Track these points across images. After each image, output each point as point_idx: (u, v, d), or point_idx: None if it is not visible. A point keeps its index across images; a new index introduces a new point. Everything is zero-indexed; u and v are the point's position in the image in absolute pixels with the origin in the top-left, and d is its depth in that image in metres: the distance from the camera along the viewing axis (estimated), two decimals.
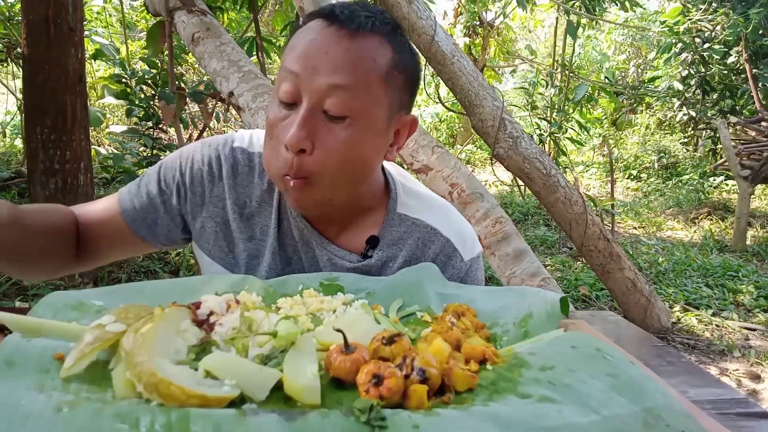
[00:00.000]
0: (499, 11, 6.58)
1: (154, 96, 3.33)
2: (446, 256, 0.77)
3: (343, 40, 0.61)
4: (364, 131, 0.64)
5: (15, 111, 5.79)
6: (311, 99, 0.62)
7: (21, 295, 2.52)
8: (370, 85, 0.63)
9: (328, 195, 0.67)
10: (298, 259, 0.78)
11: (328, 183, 0.65)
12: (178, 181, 0.76)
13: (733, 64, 6.47)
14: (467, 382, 0.43)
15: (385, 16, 0.66)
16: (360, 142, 0.64)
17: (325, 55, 0.61)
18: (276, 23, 4.44)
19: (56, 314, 0.50)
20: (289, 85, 0.62)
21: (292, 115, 0.63)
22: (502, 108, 2.45)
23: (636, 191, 7.39)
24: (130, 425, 0.33)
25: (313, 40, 0.62)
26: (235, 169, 0.77)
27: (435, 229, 0.77)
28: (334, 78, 0.61)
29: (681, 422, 0.38)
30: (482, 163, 8.84)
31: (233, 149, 0.78)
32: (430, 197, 0.82)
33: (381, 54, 0.63)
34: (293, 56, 0.63)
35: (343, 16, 0.62)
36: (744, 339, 2.90)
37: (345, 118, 0.62)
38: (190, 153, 0.78)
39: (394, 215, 0.77)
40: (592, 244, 2.64)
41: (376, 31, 0.63)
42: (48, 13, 2.60)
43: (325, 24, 0.63)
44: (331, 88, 0.61)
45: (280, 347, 0.43)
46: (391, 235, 0.77)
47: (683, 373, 0.64)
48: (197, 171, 0.76)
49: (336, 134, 0.63)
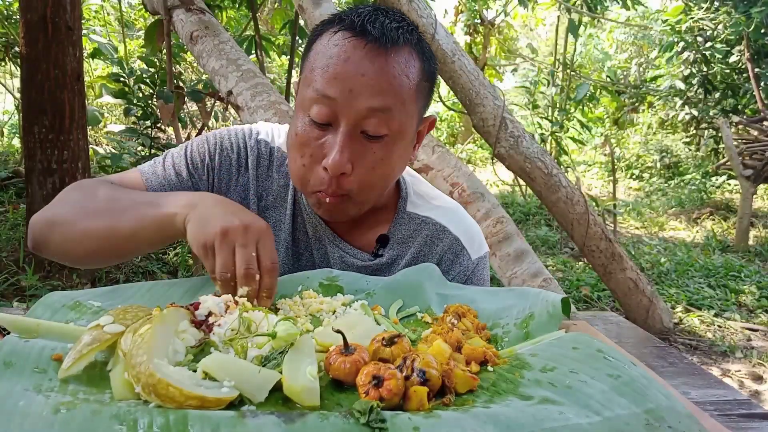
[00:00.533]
0: (500, 9, 6.57)
1: (152, 95, 3.33)
2: (453, 254, 0.78)
3: (378, 59, 0.61)
4: (398, 145, 0.66)
5: (13, 110, 5.80)
6: (349, 122, 0.62)
7: (19, 296, 2.52)
8: (405, 102, 0.64)
9: (362, 207, 0.70)
10: (309, 255, 0.79)
11: (364, 198, 0.68)
12: (207, 165, 0.77)
13: (735, 63, 6.46)
14: (468, 384, 0.43)
15: (408, 23, 0.66)
16: (395, 155, 0.67)
17: (362, 78, 0.61)
18: (275, 21, 4.43)
19: (54, 315, 0.50)
20: (323, 108, 0.62)
21: (328, 137, 0.64)
22: (503, 107, 2.44)
23: (638, 191, 7.39)
24: (128, 427, 0.33)
25: (347, 60, 0.61)
26: (260, 160, 0.78)
27: (444, 226, 0.78)
28: (373, 101, 0.61)
29: (683, 423, 0.38)
30: (483, 162, 8.84)
31: (258, 141, 0.79)
32: (440, 197, 0.83)
33: (412, 67, 0.64)
34: (327, 78, 0.61)
35: (376, 32, 0.61)
36: (746, 340, 2.89)
37: (383, 137, 0.64)
38: (217, 139, 0.78)
39: (403, 214, 0.79)
40: (594, 245, 2.64)
41: (406, 43, 0.64)
42: (46, 12, 2.60)
43: (357, 42, 0.61)
44: (370, 111, 0.62)
45: (279, 348, 0.43)
46: (401, 234, 0.78)
47: (685, 374, 0.64)
48: (226, 158, 0.77)
49: (374, 153, 0.64)
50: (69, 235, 0.65)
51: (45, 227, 0.67)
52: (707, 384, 0.61)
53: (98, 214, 0.65)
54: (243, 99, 2.08)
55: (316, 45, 0.65)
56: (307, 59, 0.66)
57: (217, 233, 0.56)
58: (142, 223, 0.63)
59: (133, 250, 0.68)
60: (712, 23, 6.23)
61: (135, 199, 0.66)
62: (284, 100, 2.11)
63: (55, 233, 0.66)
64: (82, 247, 0.65)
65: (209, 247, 0.56)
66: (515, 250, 2.02)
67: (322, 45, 0.64)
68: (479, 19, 6.54)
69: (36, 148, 2.70)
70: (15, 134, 5.88)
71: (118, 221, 0.63)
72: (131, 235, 0.63)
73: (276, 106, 2.02)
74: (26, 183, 2.82)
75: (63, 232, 0.65)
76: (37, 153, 2.70)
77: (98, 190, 0.68)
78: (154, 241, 0.65)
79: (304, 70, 0.66)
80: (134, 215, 0.63)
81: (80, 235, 0.64)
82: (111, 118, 6.25)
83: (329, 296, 0.63)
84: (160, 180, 0.75)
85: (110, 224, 0.63)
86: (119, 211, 0.64)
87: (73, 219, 0.65)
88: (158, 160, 0.78)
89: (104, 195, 0.67)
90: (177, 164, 0.76)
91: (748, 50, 5.93)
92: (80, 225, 0.64)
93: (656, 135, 8.52)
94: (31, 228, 0.68)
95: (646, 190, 7.29)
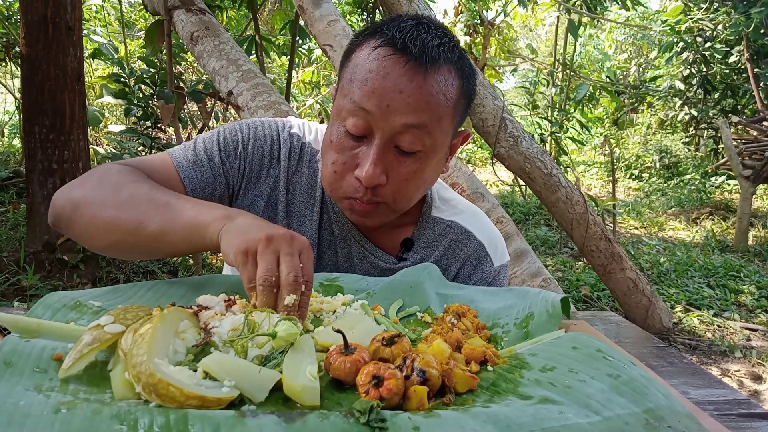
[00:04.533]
0: (500, 10, 6.57)
1: (152, 95, 3.33)
2: (477, 260, 0.79)
3: (417, 77, 0.61)
4: (431, 159, 0.67)
5: (13, 110, 5.80)
6: (384, 136, 0.63)
7: (19, 296, 2.52)
8: (441, 119, 0.65)
9: (393, 215, 0.70)
10: (333, 254, 0.79)
11: (396, 207, 0.69)
12: (240, 153, 0.75)
13: (735, 63, 6.46)
14: (468, 383, 0.43)
15: (450, 39, 0.65)
16: (428, 169, 0.68)
17: (400, 95, 0.61)
18: (275, 22, 4.43)
19: (55, 315, 0.50)
20: (360, 120, 0.63)
21: (363, 148, 0.65)
22: (503, 107, 2.44)
23: (637, 191, 7.39)
24: (129, 426, 0.33)
25: (386, 77, 0.61)
26: (291, 154, 0.78)
27: (469, 231, 0.79)
28: (409, 118, 0.62)
29: (682, 423, 0.38)
30: (483, 162, 8.84)
31: (291, 135, 0.79)
32: (463, 202, 0.84)
33: (450, 86, 0.64)
34: (365, 92, 0.62)
35: (417, 50, 0.61)
36: (745, 340, 2.89)
37: (416, 153, 0.65)
38: (251, 128, 0.77)
39: (428, 218, 0.79)
40: (594, 244, 2.64)
41: (446, 61, 0.64)
42: (46, 13, 2.60)
43: (398, 60, 0.61)
44: (405, 127, 0.62)
45: (279, 348, 0.43)
46: (426, 238, 0.79)
47: (684, 374, 0.64)
48: (259, 148, 0.76)
49: (408, 167, 0.65)
50: (94, 221, 0.62)
51: (70, 207, 0.64)
52: (707, 384, 0.61)
53: (129, 207, 0.62)
54: (243, 99, 2.08)
55: (356, 56, 0.65)
56: (346, 69, 0.66)
57: (262, 239, 0.52)
58: (173, 226, 0.60)
59: (157, 252, 0.65)
60: (711, 23, 6.24)
61: (170, 200, 0.63)
62: (284, 101, 2.11)
63: (79, 215, 0.63)
64: (107, 236, 0.62)
65: (251, 253, 0.52)
66: (515, 250, 2.02)
67: (361, 58, 0.64)
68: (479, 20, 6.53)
69: (36, 149, 2.70)
70: (15, 134, 5.88)
71: (148, 219, 0.60)
72: (158, 236, 0.60)
73: (276, 106, 2.02)
74: (27, 183, 2.82)
75: (89, 216, 0.62)
76: (38, 153, 2.70)
77: (132, 180, 0.65)
78: (180, 247, 0.61)
79: (342, 79, 0.67)
80: (165, 217, 0.60)
81: (106, 224, 0.62)
82: (111, 119, 6.24)
83: (329, 296, 0.63)
84: (191, 164, 0.73)
85: (139, 220, 0.60)
86: (151, 209, 0.61)
87: (102, 206, 0.62)
88: (188, 145, 0.76)
89: (138, 187, 0.64)
90: (209, 149, 0.74)
91: (748, 50, 5.93)
92: (107, 213, 0.62)
93: (656, 135, 8.52)
94: (55, 204, 0.65)
95: (646, 190, 7.30)
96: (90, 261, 2.88)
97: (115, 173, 0.67)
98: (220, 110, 3.94)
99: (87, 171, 0.79)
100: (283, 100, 2.11)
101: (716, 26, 6.24)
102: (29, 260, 2.74)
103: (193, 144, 0.75)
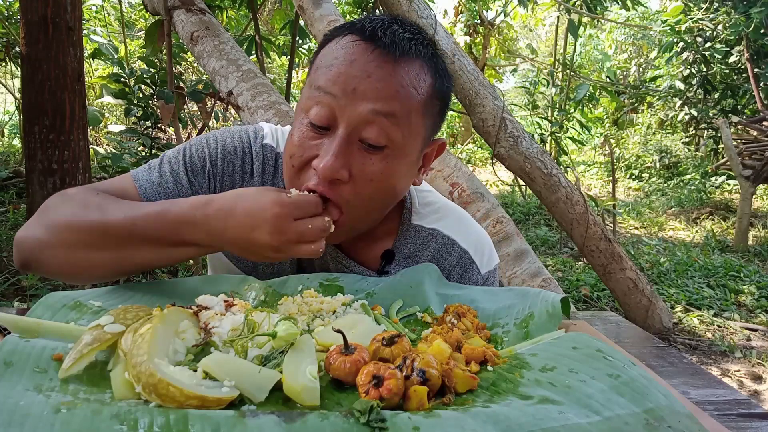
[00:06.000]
0: (500, 10, 6.57)
1: (152, 95, 3.33)
2: (462, 268, 0.75)
3: (387, 65, 0.58)
4: (399, 162, 0.62)
5: (13, 110, 5.80)
6: (349, 125, 0.58)
7: (19, 296, 2.52)
8: (410, 115, 0.60)
9: (355, 224, 0.65)
10: (312, 271, 0.76)
11: (357, 213, 0.63)
12: (209, 172, 0.71)
13: (735, 63, 6.46)
14: (468, 383, 0.43)
15: (424, 37, 0.63)
16: (395, 172, 0.62)
17: (368, 79, 0.57)
18: (275, 22, 4.43)
19: (55, 315, 0.50)
20: (323, 108, 0.59)
21: (325, 141, 0.60)
22: (503, 107, 2.44)
23: (637, 191, 7.39)
24: (129, 426, 0.33)
25: (353, 61, 0.58)
26: (265, 167, 0.73)
27: (452, 239, 0.74)
28: (376, 105, 0.58)
29: (682, 423, 0.38)
30: (483, 162, 8.84)
31: (264, 146, 0.74)
32: (446, 206, 0.79)
33: (422, 81, 0.61)
34: (329, 76, 0.58)
35: (387, 39, 0.58)
36: (745, 340, 2.89)
37: (383, 148, 0.60)
38: (218, 142, 0.73)
39: (408, 227, 0.75)
40: (594, 244, 2.64)
41: (418, 56, 0.61)
42: (46, 12, 2.61)
43: (366, 46, 0.59)
44: (373, 114, 0.58)
45: (279, 348, 0.43)
46: (407, 248, 0.74)
47: (684, 374, 0.64)
48: (229, 163, 0.72)
49: (372, 164, 0.60)
50: (66, 260, 0.60)
51: (36, 249, 0.60)
52: (707, 384, 0.61)
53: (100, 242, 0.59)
54: (243, 99, 2.08)
55: (324, 49, 0.63)
56: (313, 63, 0.63)
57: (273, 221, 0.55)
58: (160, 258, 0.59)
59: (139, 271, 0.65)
60: (711, 23, 6.24)
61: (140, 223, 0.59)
62: (284, 101, 2.11)
63: (49, 256, 0.60)
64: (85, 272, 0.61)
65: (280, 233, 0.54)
66: (515, 250, 2.02)
67: (329, 48, 0.62)
68: (479, 20, 6.54)
69: (36, 149, 2.70)
70: (15, 134, 5.88)
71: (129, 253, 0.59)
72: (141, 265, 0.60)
73: (276, 106, 2.02)
74: (27, 183, 2.82)
75: (59, 256, 0.60)
76: (38, 153, 2.70)
77: (92, 205, 0.61)
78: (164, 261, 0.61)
79: (309, 74, 0.64)
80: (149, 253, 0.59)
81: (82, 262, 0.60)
82: (111, 119, 6.25)
83: (330, 296, 0.63)
84: (155, 188, 0.68)
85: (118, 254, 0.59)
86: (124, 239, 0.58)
87: (71, 244, 0.59)
88: (153, 165, 0.71)
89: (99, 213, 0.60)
90: (175, 170, 0.70)
91: (748, 50, 5.93)
92: (81, 254, 0.59)
93: (656, 135, 8.52)
94: (19, 247, 0.61)
95: (646, 190, 7.30)
96: None
97: (76, 201, 0.63)
98: (220, 110, 3.94)
99: (86, 172, 0.78)
100: (283, 100, 2.11)
101: (716, 26, 6.24)
102: None
103: (159, 164, 0.71)
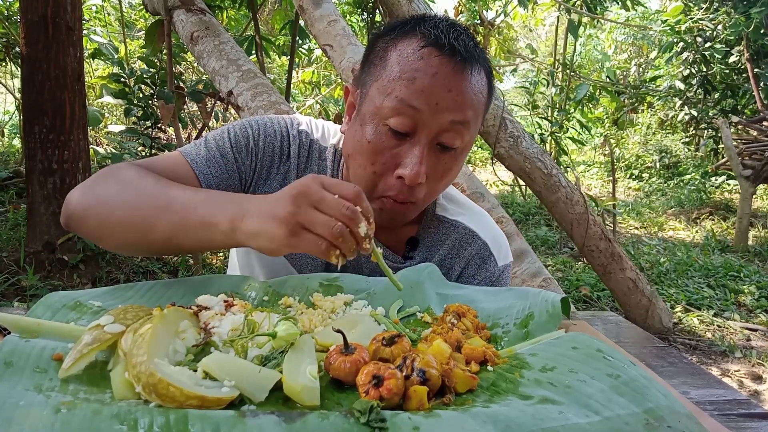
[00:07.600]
0: (500, 10, 6.57)
1: (152, 95, 3.33)
2: (481, 259, 0.80)
3: (464, 78, 0.64)
4: (463, 156, 0.70)
5: (13, 110, 5.80)
6: (430, 134, 0.64)
7: (19, 296, 2.52)
8: (478, 118, 0.68)
9: (418, 212, 0.72)
10: None
11: (422, 206, 0.71)
12: (252, 150, 0.75)
13: (735, 63, 6.46)
14: (468, 383, 0.43)
15: (475, 40, 0.68)
16: (457, 167, 0.70)
17: (449, 93, 0.63)
18: (275, 22, 4.43)
19: (55, 315, 0.50)
20: (406, 119, 0.64)
21: (405, 147, 0.65)
22: (503, 107, 2.44)
23: (637, 191, 7.39)
24: (129, 426, 0.33)
25: (434, 75, 0.63)
26: (301, 151, 0.78)
27: (473, 231, 0.80)
28: (456, 116, 0.64)
29: (682, 423, 0.38)
30: (483, 162, 8.84)
31: (300, 131, 0.79)
32: (467, 202, 0.85)
33: (484, 85, 0.68)
34: (413, 90, 0.63)
35: (462, 50, 0.64)
36: (745, 340, 2.89)
37: (454, 150, 0.67)
38: (260, 125, 0.77)
39: (432, 217, 0.80)
40: (594, 245, 2.64)
41: (480, 62, 0.66)
42: (46, 12, 2.60)
43: (446, 59, 0.63)
44: (451, 123, 0.64)
45: (279, 348, 0.43)
46: (430, 237, 0.80)
47: (684, 374, 0.64)
48: (269, 144, 0.76)
49: (444, 164, 0.67)
50: (105, 223, 0.62)
51: (82, 208, 0.64)
52: (707, 384, 0.61)
53: (139, 208, 0.61)
54: (243, 99, 2.08)
55: (393, 55, 0.65)
56: (384, 68, 0.66)
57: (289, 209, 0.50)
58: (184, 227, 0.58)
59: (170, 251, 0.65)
60: (711, 23, 6.23)
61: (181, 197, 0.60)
62: (284, 101, 2.11)
63: (91, 216, 0.63)
64: (118, 237, 0.62)
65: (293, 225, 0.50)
66: (515, 250, 2.02)
67: (404, 57, 0.64)
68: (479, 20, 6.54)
69: (36, 149, 2.70)
70: (15, 134, 5.88)
71: (158, 220, 0.59)
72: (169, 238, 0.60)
73: (276, 106, 2.02)
74: (27, 183, 2.82)
75: (100, 217, 0.62)
76: (38, 153, 2.70)
77: (143, 180, 0.64)
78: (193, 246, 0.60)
79: (379, 78, 0.66)
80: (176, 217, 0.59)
81: (116, 225, 0.61)
82: (111, 119, 6.25)
83: (330, 296, 0.63)
84: (204, 161, 0.72)
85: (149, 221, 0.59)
86: (161, 209, 0.59)
87: (112, 207, 0.62)
88: (199, 143, 0.75)
89: (149, 186, 0.62)
90: (221, 146, 0.74)
91: (748, 50, 5.93)
92: (118, 214, 0.61)
93: (656, 135, 8.52)
94: (68, 204, 0.65)
95: (646, 190, 7.30)
96: (90, 261, 2.88)
97: (126, 173, 0.66)
98: (220, 110, 3.94)
99: (86, 172, 0.78)
100: (283, 100, 2.11)
101: (716, 26, 6.24)
102: (29, 260, 2.74)
103: (204, 141, 0.75)
